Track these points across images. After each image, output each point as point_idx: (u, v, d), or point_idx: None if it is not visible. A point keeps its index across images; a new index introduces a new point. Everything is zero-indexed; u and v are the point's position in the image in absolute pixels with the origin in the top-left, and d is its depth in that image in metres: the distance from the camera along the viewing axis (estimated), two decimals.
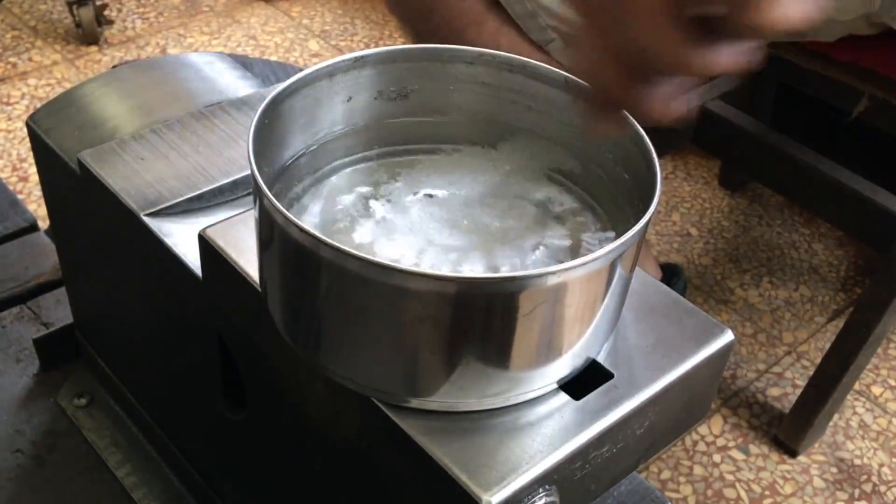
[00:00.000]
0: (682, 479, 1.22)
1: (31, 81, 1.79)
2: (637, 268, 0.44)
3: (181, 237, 0.54)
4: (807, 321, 1.45)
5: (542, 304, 0.38)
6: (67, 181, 0.63)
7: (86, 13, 1.85)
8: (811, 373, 1.25)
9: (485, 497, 0.38)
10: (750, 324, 1.44)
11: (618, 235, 0.38)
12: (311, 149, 0.48)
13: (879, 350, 1.40)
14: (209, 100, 0.64)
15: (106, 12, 1.92)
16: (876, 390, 1.36)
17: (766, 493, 1.21)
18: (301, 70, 0.46)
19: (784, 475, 1.24)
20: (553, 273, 0.37)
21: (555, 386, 0.43)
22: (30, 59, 1.85)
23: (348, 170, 0.49)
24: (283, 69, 1.78)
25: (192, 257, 0.53)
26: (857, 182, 1.19)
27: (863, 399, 1.35)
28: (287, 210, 0.38)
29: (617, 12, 0.35)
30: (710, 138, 1.32)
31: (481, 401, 0.41)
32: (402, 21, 1.07)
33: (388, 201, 0.47)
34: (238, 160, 0.58)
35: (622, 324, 0.46)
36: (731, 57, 0.35)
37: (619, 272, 0.40)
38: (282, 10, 2.10)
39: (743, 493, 1.21)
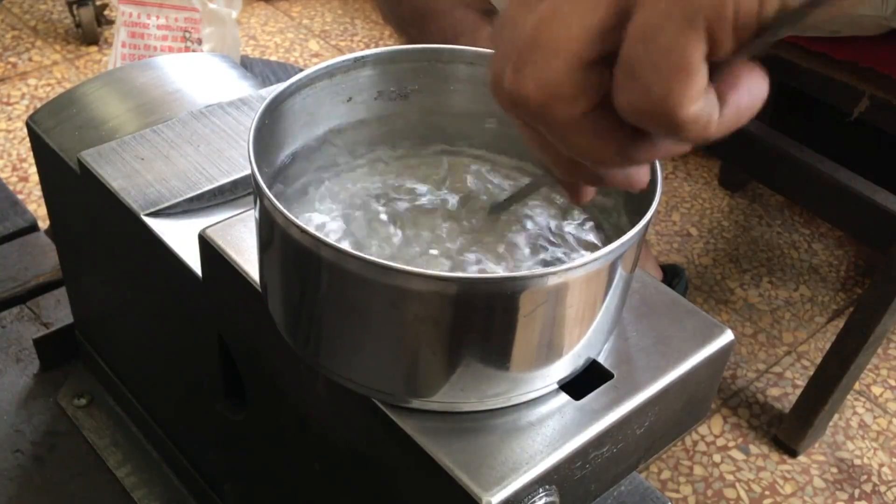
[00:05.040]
0: (682, 479, 1.22)
1: (31, 81, 1.79)
2: (637, 268, 0.44)
3: (181, 237, 0.54)
4: (807, 321, 1.45)
5: (542, 304, 0.38)
6: (67, 181, 0.63)
7: (86, 13, 1.85)
8: (811, 373, 1.25)
9: (485, 497, 0.38)
10: (750, 324, 1.44)
11: (617, 236, 0.38)
12: (312, 149, 0.48)
13: (879, 350, 1.40)
14: (209, 100, 0.64)
15: (106, 12, 1.92)
16: (876, 390, 1.36)
17: (766, 493, 1.21)
18: (301, 70, 0.45)
19: (784, 475, 1.23)
20: (553, 273, 0.37)
21: (555, 386, 0.43)
22: (30, 59, 1.85)
23: (348, 170, 0.49)
24: (283, 69, 1.78)
25: (192, 257, 0.53)
26: (857, 182, 1.19)
27: (863, 399, 1.35)
28: (287, 210, 0.38)
29: (544, 126, 0.32)
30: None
31: (482, 401, 0.41)
32: (396, 30, 1.08)
33: (388, 201, 0.47)
34: (238, 160, 0.58)
35: (622, 324, 0.46)
36: (670, 148, 0.33)
37: (619, 272, 0.40)
38: (282, 10, 2.10)
39: (743, 493, 1.21)
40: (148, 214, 0.55)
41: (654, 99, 0.29)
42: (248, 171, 0.40)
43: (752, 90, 0.30)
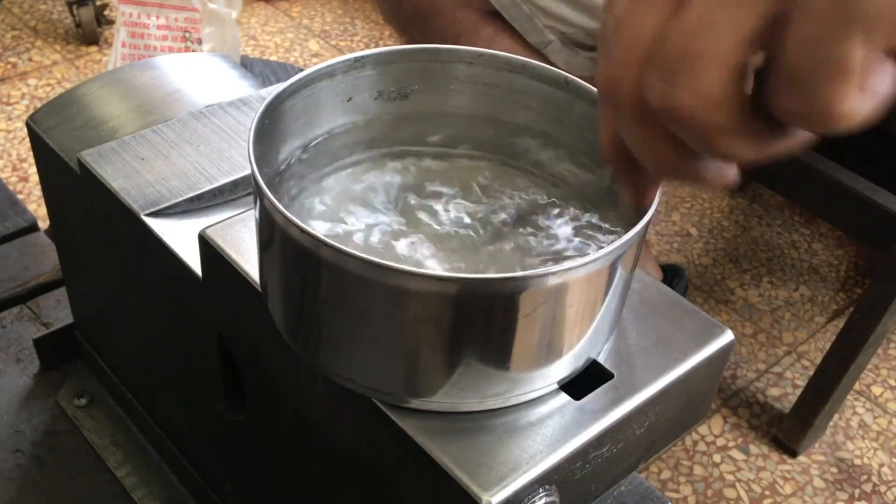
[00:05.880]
0: (682, 479, 1.22)
1: (31, 81, 1.79)
2: (637, 268, 0.44)
3: (181, 237, 0.54)
4: (807, 321, 1.45)
5: (542, 304, 0.38)
6: (67, 181, 0.63)
7: (86, 13, 1.85)
8: (811, 373, 1.25)
9: (485, 497, 0.38)
10: (750, 324, 1.44)
11: (618, 236, 0.38)
12: (312, 149, 0.48)
13: (879, 350, 1.40)
14: (209, 100, 0.64)
15: (106, 12, 1.92)
16: (876, 390, 1.36)
17: (766, 493, 1.21)
18: (301, 70, 0.45)
19: (784, 475, 1.24)
20: (553, 273, 0.37)
21: (555, 386, 0.43)
22: (30, 59, 1.85)
23: (348, 170, 0.49)
24: (283, 69, 1.78)
25: (192, 257, 0.53)
26: (857, 182, 1.19)
27: (863, 399, 1.35)
28: (287, 210, 0.38)
29: (689, 132, 0.32)
30: None
31: (482, 401, 0.41)
32: (397, 30, 1.08)
33: (388, 201, 0.47)
34: (238, 160, 0.58)
35: (622, 324, 0.46)
36: (804, 140, 0.33)
37: (619, 272, 0.40)
38: (282, 10, 2.10)
39: (743, 493, 1.21)
40: (148, 214, 0.55)
41: (817, 104, 0.29)
42: (248, 171, 0.40)
43: (890, 78, 0.30)
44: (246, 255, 0.48)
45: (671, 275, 1.32)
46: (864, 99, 0.29)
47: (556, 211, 0.47)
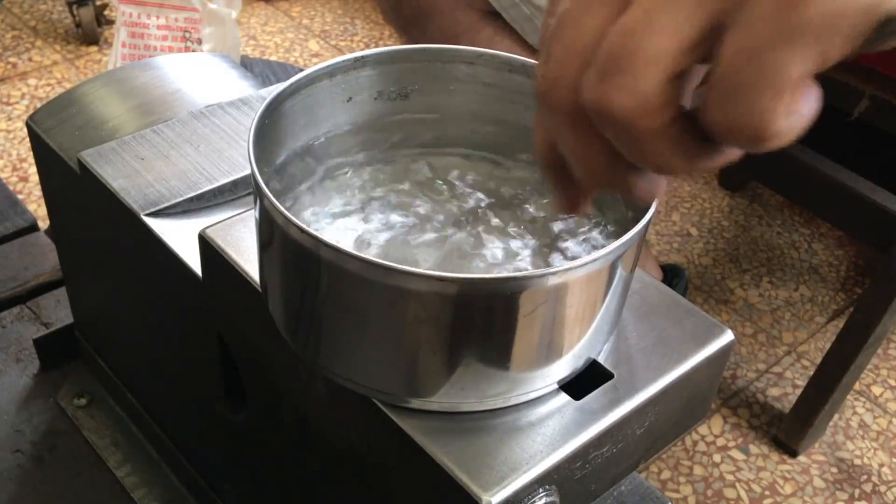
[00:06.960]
0: (682, 479, 1.22)
1: (31, 81, 1.79)
2: (637, 268, 0.44)
3: (181, 237, 0.54)
4: (807, 321, 1.45)
5: (542, 304, 0.38)
6: (67, 181, 0.63)
7: (86, 13, 1.85)
8: (811, 373, 1.25)
9: (485, 497, 0.38)
10: (750, 324, 1.44)
11: (618, 236, 0.38)
12: (312, 149, 0.48)
13: (879, 350, 1.40)
14: (209, 100, 0.64)
15: (106, 12, 1.92)
16: (876, 390, 1.36)
17: (766, 493, 1.21)
18: (301, 70, 0.45)
19: (784, 475, 1.24)
20: (553, 273, 0.37)
21: (555, 386, 0.43)
22: (30, 59, 1.85)
23: (348, 170, 0.49)
24: (283, 69, 1.78)
25: (192, 257, 0.53)
26: (857, 182, 1.19)
27: (863, 399, 1.35)
28: (287, 210, 0.38)
29: (622, 134, 0.31)
30: None
31: (482, 401, 0.41)
32: (397, 30, 1.08)
33: (388, 201, 0.47)
34: (238, 160, 0.58)
35: (622, 324, 0.46)
36: (733, 155, 0.33)
37: (619, 272, 0.40)
38: (282, 10, 2.10)
39: (743, 493, 1.21)
40: (148, 214, 0.55)
41: (750, 118, 0.29)
42: (248, 171, 0.40)
43: (815, 102, 0.30)
44: (246, 255, 0.48)
45: (671, 275, 1.32)
46: (794, 118, 0.29)
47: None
